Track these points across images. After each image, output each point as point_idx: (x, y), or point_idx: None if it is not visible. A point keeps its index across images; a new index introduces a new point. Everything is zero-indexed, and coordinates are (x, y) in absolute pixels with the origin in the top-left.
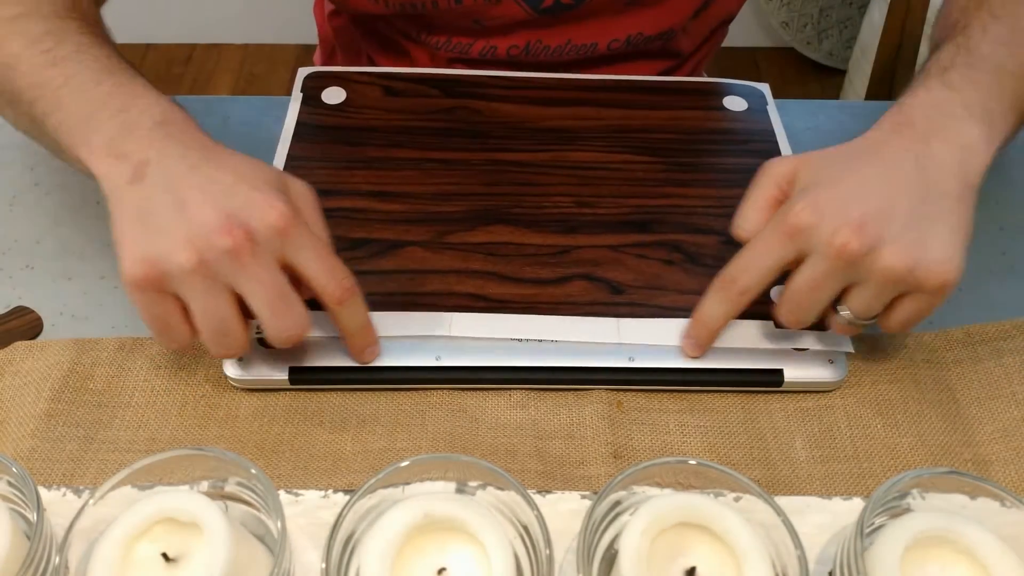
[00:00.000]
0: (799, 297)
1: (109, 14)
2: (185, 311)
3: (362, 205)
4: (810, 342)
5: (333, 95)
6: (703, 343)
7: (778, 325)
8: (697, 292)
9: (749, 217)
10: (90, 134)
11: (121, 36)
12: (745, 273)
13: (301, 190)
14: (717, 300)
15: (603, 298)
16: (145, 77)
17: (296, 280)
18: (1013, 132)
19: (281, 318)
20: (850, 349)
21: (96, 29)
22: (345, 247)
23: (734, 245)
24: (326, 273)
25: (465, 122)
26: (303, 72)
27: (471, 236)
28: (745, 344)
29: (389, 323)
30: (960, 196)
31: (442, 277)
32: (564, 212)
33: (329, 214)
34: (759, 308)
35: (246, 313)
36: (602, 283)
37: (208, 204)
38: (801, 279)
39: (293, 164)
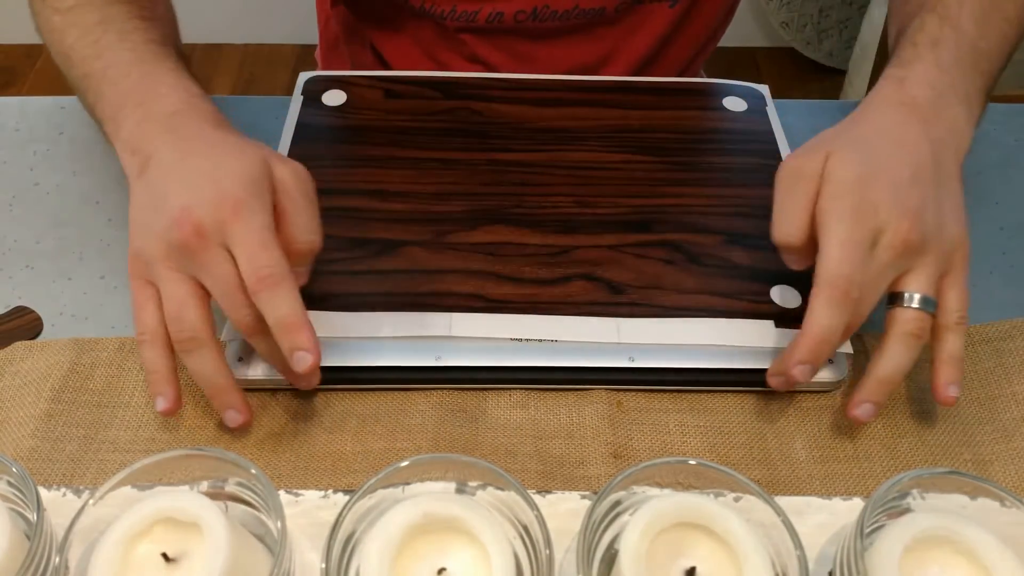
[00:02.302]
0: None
1: None
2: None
3: (362, 205)
4: None
5: (333, 97)
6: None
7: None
8: (697, 292)
9: (795, 222)
10: (118, 129)
11: None
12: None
13: (287, 176)
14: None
15: (603, 298)
16: (178, 54)
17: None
18: (982, 115)
19: (235, 310)
20: (849, 350)
21: (143, 12)
22: (345, 247)
23: (735, 245)
24: (248, 262)
25: (465, 123)
26: (304, 76)
27: (471, 236)
28: (745, 344)
29: (389, 323)
30: (959, 176)
31: (442, 277)
32: (564, 212)
33: (329, 214)
34: (759, 308)
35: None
36: (602, 283)
37: (182, 198)
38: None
39: None
